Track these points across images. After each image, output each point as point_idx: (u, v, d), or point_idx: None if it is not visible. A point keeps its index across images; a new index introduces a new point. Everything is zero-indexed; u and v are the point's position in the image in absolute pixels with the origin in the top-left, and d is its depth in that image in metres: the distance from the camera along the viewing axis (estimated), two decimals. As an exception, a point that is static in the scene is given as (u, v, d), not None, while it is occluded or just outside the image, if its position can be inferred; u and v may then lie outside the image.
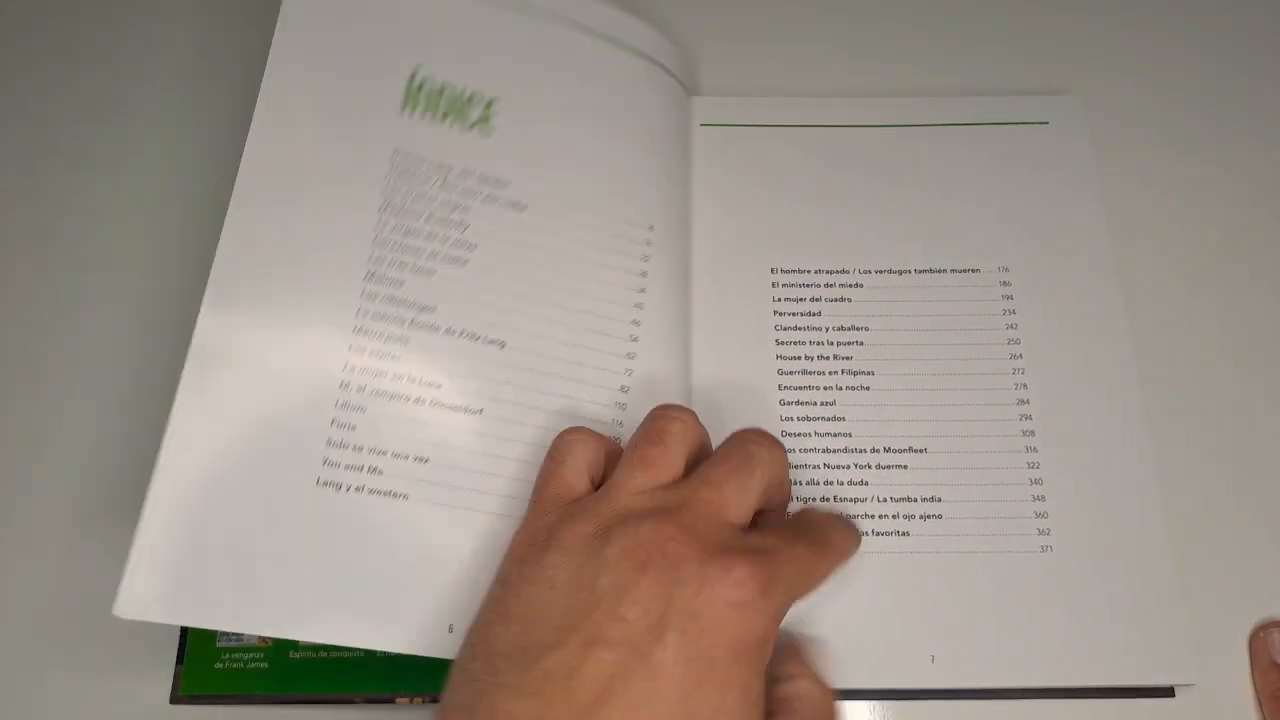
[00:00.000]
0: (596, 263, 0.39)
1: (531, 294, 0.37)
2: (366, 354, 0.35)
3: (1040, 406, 0.39)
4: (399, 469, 0.34)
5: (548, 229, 0.39)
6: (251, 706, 0.37)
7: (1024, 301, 0.41)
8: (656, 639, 0.25)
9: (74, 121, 0.49)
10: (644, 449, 0.31)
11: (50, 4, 0.52)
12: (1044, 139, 0.45)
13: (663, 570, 0.26)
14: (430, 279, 0.37)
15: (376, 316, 0.36)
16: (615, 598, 0.26)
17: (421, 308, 0.36)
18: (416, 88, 0.39)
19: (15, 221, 0.47)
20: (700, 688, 0.25)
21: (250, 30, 0.44)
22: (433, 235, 0.37)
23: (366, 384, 0.35)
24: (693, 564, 0.26)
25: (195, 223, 0.46)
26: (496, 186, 0.39)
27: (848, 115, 0.45)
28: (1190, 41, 0.48)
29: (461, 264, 0.37)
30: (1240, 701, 0.36)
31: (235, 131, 0.37)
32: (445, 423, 0.35)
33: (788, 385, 0.40)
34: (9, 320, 0.45)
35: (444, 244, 0.37)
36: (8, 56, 0.51)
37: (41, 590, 0.40)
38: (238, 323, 0.35)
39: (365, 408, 0.34)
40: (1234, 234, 0.44)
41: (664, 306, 0.39)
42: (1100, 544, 0.37)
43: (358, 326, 0.35)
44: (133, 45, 0.51)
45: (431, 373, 0.35)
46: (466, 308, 0.37)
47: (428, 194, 0.38)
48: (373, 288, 0.36)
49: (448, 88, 0.39)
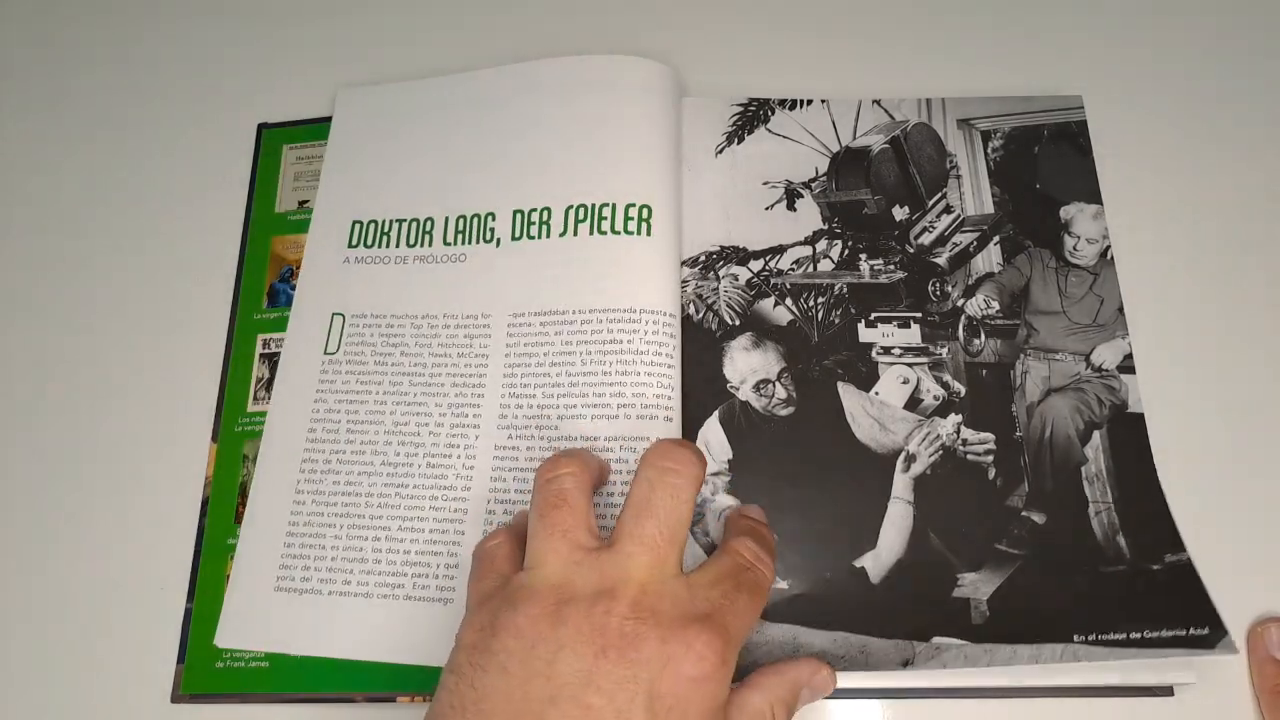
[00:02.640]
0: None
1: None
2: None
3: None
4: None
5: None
6: (252, 705, 0.38)
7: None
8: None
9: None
10: (550, 516, 0.30)
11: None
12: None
13: (623, 653, 0.26)
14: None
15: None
16: (579, 685, 0.26)
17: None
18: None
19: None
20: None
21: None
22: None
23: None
24: (653, 643, 0.26)
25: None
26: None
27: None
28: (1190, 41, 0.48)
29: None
30: (1239, 700, 0.36)
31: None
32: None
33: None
34: None
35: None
36: None
37: (42, 590, 0.41)
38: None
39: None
40: (1233, 234, 0.44)
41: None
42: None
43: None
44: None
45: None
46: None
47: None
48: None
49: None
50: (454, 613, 0.37)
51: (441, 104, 0.47)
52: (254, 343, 0.44)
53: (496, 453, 0.39)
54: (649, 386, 0.39)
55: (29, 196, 0.49)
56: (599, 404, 0.39)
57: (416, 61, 0.49)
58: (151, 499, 0.41)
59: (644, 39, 0.48)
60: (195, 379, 0.43)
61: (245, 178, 0.47)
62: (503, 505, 0.38)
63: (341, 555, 0.38)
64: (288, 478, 0.40)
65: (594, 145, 0.44)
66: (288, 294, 0.44)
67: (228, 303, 0.45)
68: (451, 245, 0.44)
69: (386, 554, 0.38)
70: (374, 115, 0.47)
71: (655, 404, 0.39)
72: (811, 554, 0.38)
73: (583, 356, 0.40)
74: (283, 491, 0.40)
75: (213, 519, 0.41)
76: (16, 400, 0.44)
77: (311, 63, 0.50)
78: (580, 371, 0.39)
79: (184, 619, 0.39)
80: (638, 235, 0.41)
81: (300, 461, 0.40)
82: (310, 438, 0.41)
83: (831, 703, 0.36)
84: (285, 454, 0.41)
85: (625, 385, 0.39)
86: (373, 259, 0.44)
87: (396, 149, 0.46)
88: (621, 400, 0.39)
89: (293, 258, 0.45)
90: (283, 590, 0.38)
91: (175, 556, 0.40)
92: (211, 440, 0.42)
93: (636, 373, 0.39)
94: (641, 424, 0.38)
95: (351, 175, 0.46)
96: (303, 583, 0.38)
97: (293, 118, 0.48)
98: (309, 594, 0.38)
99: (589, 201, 0.42)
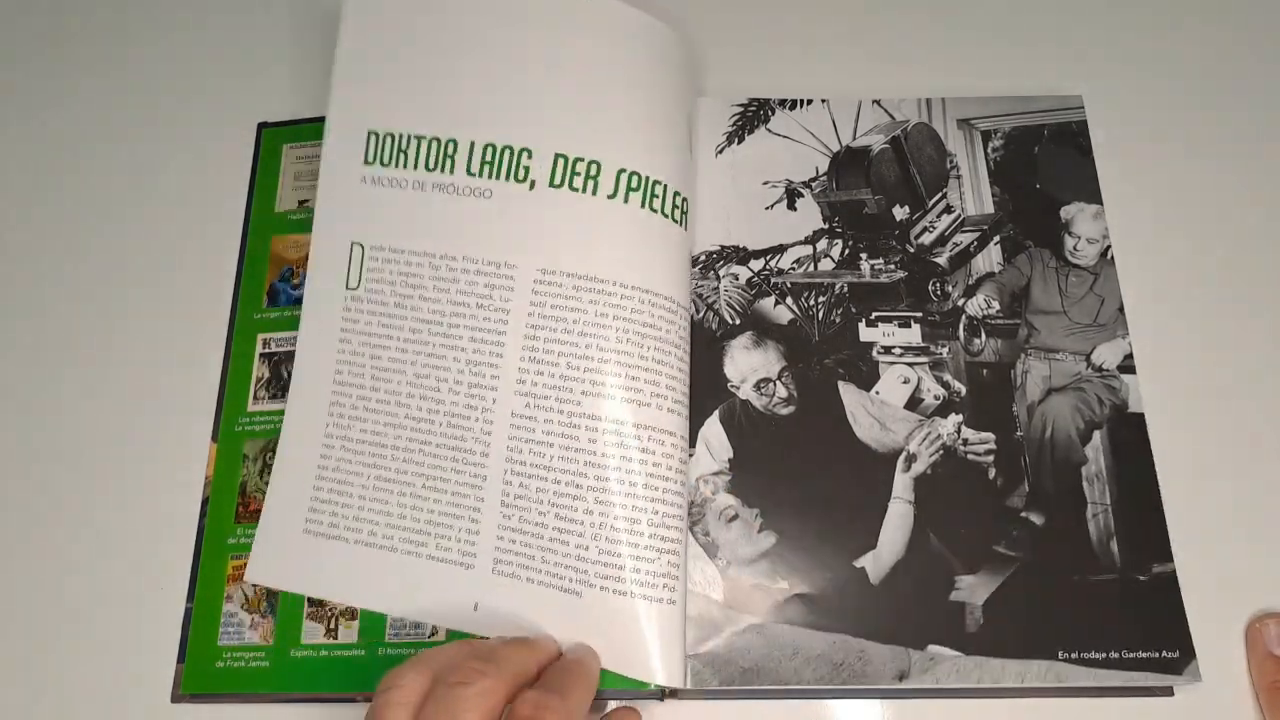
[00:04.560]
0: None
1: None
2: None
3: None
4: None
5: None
6: (252, 705, 0.38)
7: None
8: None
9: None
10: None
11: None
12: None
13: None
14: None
15: None
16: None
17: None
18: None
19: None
20: None
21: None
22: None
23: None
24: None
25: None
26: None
27: None
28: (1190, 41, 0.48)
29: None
30: (1239, 700, 0.36)
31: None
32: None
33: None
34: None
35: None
36: None
37: (42, 590, 0.40)
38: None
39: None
40: (1234, 234, 0.44)
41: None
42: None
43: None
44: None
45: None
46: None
47: None
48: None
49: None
50: (474, 578, 0.37)
51: (476, 8, 0.41)
52: (254, 342, 0.44)
53: (513, 420, 0.38)
54: (679, 382, 0.38)
55: (29, 196, 0.49)
56: (632, 387, 0.37)
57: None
58: (151, 499, 0.41)
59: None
60: (195, 379, 0.43)
61: (245, 178, 0.47)
62: (519, 478, 0.37)
63: (369, 505, 0.38)
64: (317, 420, 0.40)
65: (659, 118, 0.41)
66: (288, 294, 0.44)
67: (228, 303, 0.45)
68: (476, 176, 0.40)
69: (411, 510, 0.38)
70: (390, 6, 0.42)
71: (682, 400, 0.38)
72: (811, 554, 0.38)
73: (619, 333, 0.38)
74: (313, 434, 0.40)
75: (213, 519, 0.40)
76: (16, 400, 0.44)
77: (311, 63, 0.50)
78: (614, 349, 0.37)
79: (184, 619, 0.39)
80: (679, 225, 0.41)
81: (329, 405, 0.40)
82: (338, 380, 0.40)
83: (831, 703, 0.36)
84: (315, 394, 0.40)
85: (661, 374, 0.38)
86: (391, 181, 0.41)
87: (419, 49, 0.41)
88: (655, 389, 0.37)
89: (293, 257, 0.45)
90: (311, 533, 0.38)
91: (175, 556, 0.40)
92: (211, 440, 0.42)
93: (670, 364, 0.38)
94: (671, 417, 0.38)
95: (367, 75, 0.42)
96: (330, 528, 0.38)
97: (293, 117, 0.48)
98: (337, 540, 0.38)
99: (646, 173, 0.39)
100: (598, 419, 0.37)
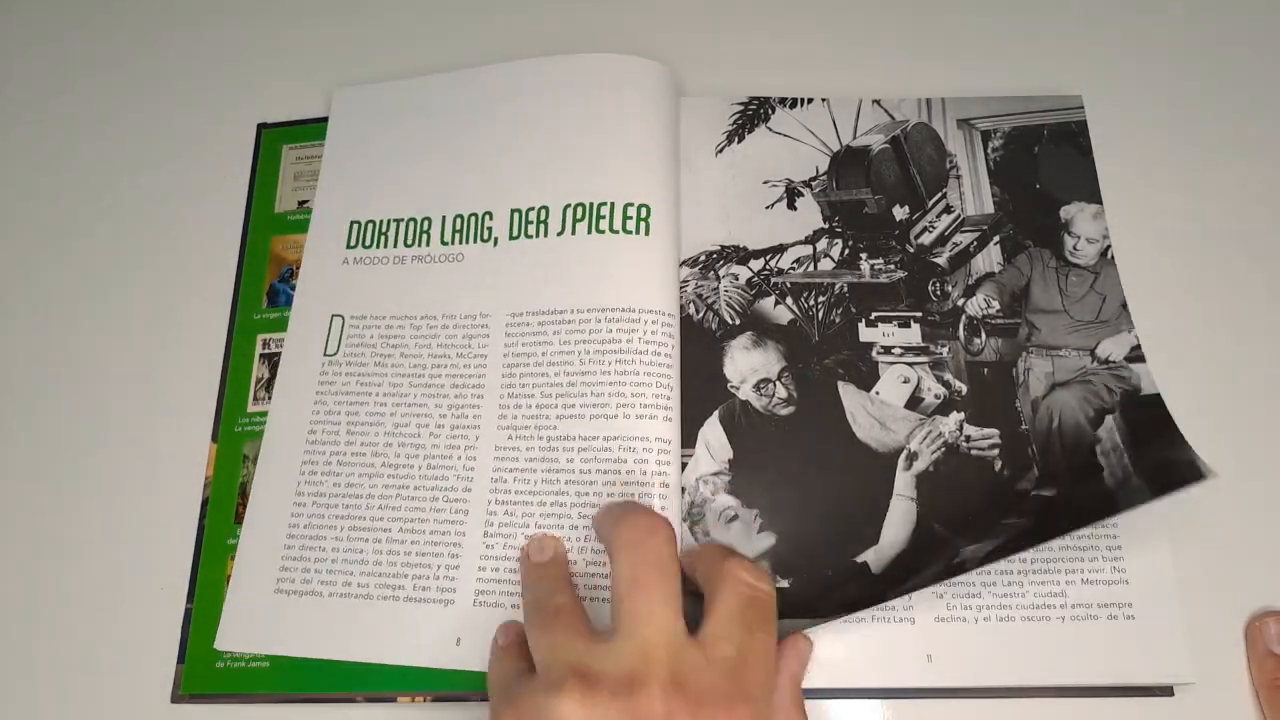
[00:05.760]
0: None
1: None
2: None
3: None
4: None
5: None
6: (252, 705, 0.38)
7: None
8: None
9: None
10: (551, 627, 0.31)
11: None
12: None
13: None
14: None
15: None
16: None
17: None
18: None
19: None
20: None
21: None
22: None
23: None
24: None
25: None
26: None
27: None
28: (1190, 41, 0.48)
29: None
30: (1239, 699, 0.36)
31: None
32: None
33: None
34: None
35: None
36: None
37: (42, 590, 0.40)
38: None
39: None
40: (1234, 233, 0.44)
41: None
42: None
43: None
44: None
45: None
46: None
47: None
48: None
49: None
50: (454, 614, 0.37)
51: (438, 103, 0.47)
52: (254, 342, 0.44)
53: (497, 453, 0.39)
54: (648, 386, 0.39)
55: (30, 196, 0.49)
56: (598, 404, 0.39)
57: (415, 59, 0.49)
58: (151, 499, 0.41)
59: (643, 38, 0.48)
60: (195, 379, 0.43)
61: (245, 178, 0.47)
62: (503, 506, 0.38)
63: (342, 557, 0.38)
64: (288, 480, 0.40)
65: (591, 144, 0.44)
66: (288, 294, 0.44)
67: (228, 303, 0.45)
68: (449, 245, 0.44)
69: (387, 555, 0.38)
70: (371, 114, 0.47)
71: (654, 403, 0.38)
72: (812, 553, 0.37)
73: (581, 356, 0.40)
74: (283, 493, 0.40)
75: (213, 519, 0.40)
76: (17, 400, 0.44)
77: (310, 63, 0.50)
78: (579, 371, 0.39)
79: (184, 619, 0.39)
80: (636, 235, 0.41)
81: (300, 463, 0.40)
82: (310, 439, 0.41)
83: (832, 703, 0.36)
84: (285, 456, 0.41)
85: (624, 385, 0.39)
86: (371, 259, 0.44)
87: (393, 148, 0.46)
88: (621, 400, 0.38)
89: (293, 258, 0.45)
90: (283, 592, 0.38)
91: (175, 556, 0.40)
92: (211, 440, 0.42)
93: (635, 372, 0.39)
94: (641, 423, 0.38)
95: (349, 175, 0.46)
96: (303, 585, 0.38)
97: (292, 118, 0.48)
98: (309, 596, 0.38)
99: (587, 200, 0.42)
100: (573, 439, 0.38)
